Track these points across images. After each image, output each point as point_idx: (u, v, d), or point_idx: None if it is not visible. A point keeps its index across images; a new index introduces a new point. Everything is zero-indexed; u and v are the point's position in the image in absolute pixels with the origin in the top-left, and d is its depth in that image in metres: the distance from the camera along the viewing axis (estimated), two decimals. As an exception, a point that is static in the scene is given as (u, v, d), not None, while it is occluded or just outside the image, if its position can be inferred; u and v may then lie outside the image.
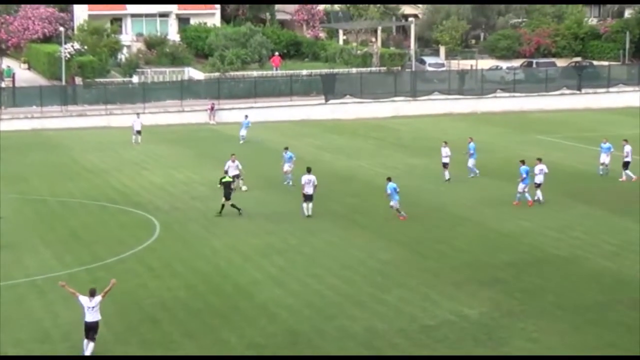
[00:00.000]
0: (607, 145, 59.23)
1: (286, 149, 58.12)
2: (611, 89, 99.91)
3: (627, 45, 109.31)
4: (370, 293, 37.38)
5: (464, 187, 57.26)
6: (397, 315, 34.98)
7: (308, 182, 49.39)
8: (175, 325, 33.87)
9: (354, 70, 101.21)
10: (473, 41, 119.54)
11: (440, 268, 40.74)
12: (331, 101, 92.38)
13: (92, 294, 30.39)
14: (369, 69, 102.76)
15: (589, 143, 73.12)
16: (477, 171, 60.03)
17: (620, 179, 57.99)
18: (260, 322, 34.33)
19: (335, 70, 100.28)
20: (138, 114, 79.87)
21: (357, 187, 57.46)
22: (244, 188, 53.50)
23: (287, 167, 57.33)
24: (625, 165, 58.13)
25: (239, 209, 49.73)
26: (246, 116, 78.33)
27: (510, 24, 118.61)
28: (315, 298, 36.96)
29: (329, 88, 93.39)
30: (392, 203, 48.92)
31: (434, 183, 58.49)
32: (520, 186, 52.01)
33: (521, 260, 41.94)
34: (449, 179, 58.81)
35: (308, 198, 49.16)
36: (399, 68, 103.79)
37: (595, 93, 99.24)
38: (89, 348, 30.12)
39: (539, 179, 53.57)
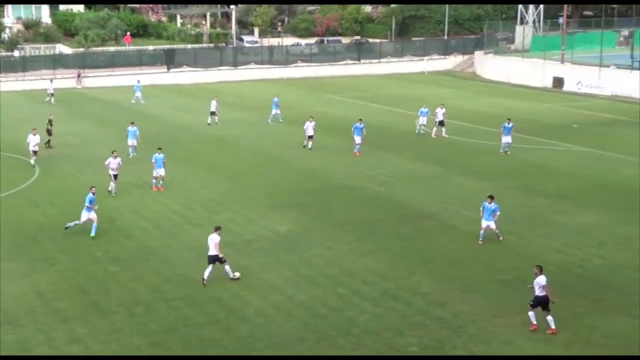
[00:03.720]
0: (426, 110, 57.05)
1: (132, 123, 50.95)
2: (382, 60, 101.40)
3: (393, 27, 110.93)
4: (205, 216, 37.25)
5: (274, 134, 57.44)
6: (225, 232, 34.74)
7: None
8: (53, 244, 33.13)
9: (189, 46, 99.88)
10: (279, 24, 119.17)
11: (257, 196, 40.87)
12: (172, 70, 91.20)
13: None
14: (200, 45, 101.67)
15: (367, 101, 74.38)
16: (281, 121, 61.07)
17: (432, 135, 56.21)
18: (120, 240, 33.87)
19: (175, 46, 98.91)
20: (51, 79, 77.72)
21: (194, 136, 56.94)
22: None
23: (133, 141, 49.32)
24: (440, 123, 56.04)
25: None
26: (138, 81, 76.65)
27: (307, 10, 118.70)
28: (163, 221, 36.64)
29: (170, 60, 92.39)
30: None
31: (253, 132, 58.46)
32: (357, 138, 50.23)
33: (318, 189, 42.40)
34: (210, 123, 60.67)
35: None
36: (224, 44, 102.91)
37: (370, 63, 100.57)
38: None
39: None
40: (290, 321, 25.73)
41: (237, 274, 29.20)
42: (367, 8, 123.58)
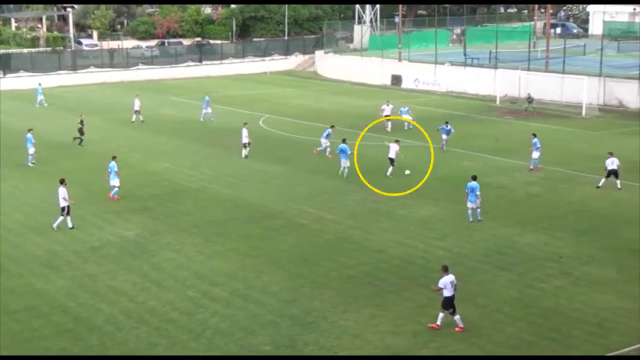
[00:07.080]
0: (406, 108, 60.43)
1: (30, 130, 49.61)
2: (224, 61, 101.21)
3: (234, 28, 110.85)
4: (50, 223, 36.14)
5: (117, 137, 56.45)
6: (72, 240, 34.12)
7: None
8: None
9: (25, 50, 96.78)
10: (119, 26, 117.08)
11: (103, 201, 40.07)
12: (8, 75, 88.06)
13: None
14: (37, 49, 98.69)
15: (211, 102, 73.90)
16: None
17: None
18: (-40, 253, 32.53)
19: (10, 50, 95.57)
20: None
21: (38, 143, 55.08)
22: None
23: (32, 149, 48.34)
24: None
25: None
26: (39, 84, 75.68)
27: (146, 12, 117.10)
28: (4, 232, 35.34)
29: (5, 65, 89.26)
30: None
31: (97, 136, 57.12)
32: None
33: (163, 192, 41.98)
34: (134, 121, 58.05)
35: None
36: (62, 48, 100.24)
37: (212, 64, 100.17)
38: None
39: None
40: (141, 327, 25.33)
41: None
42: (207, 9, 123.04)
